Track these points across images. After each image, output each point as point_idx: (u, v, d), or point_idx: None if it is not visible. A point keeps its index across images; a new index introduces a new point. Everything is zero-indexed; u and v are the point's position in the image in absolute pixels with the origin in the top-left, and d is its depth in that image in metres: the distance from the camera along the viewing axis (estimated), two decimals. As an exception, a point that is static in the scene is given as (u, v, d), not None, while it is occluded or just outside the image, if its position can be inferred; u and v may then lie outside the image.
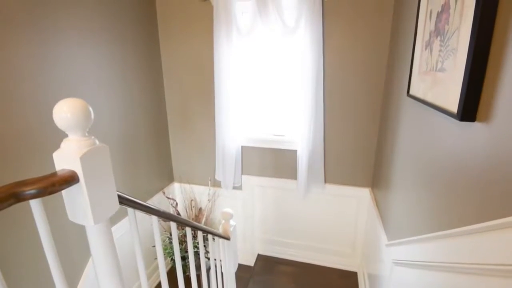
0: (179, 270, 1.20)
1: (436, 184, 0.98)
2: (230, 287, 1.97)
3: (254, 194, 2.60)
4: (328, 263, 2.59)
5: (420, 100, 1.13)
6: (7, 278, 1.36)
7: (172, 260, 2.59)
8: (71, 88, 1.65)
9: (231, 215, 1.86)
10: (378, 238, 1.79)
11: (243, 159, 2.53)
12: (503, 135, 0.62)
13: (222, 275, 1.85)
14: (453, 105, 0.81)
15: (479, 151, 0.72)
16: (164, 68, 2.49)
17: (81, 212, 0.60)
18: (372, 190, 2.25)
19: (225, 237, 1.78)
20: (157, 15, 2.37)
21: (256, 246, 2.76)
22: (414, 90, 1.23)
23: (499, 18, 0.66)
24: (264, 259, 2.72)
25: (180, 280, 1.22)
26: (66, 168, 0.57)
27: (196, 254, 2.33)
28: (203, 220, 2.63)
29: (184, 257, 2.36)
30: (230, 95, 2.28)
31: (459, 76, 0.78)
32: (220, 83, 2.27)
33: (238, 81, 2.29)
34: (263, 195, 2.59)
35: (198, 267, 2.18)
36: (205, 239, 2.45)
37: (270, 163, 2.48)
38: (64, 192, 0.60)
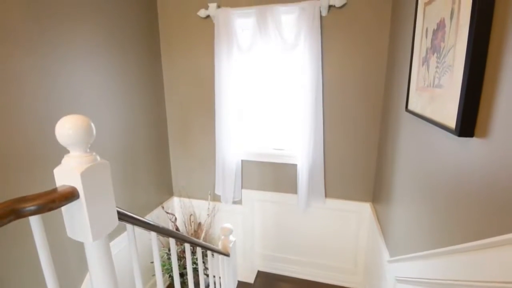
0: (177, 287, 1.18)
1: (437, 199, 0.98)
2: (230, 305, 1.93)
3: (254, 208, 2.58)
4: (329, 280, 2.54)
5: (418, 115, 1.14)
6: (1, 296, 1.33)
7: (170, 277, 2.54)
8: (72, 101, 1.66)
9: (231, 230, 1.84)
10: (380, 254, 1.76)
11: (243, 173, 2.52)
12: (502, 150, 0.62)
13: (221, 292, 1.81)
14: (451, 120, 0.82)
15: (478, 166, 0.72)
16: (166, 82, 2.52)
17: (80, 229, 0.60)
18: (373, 205, 2.23)
19: (224, 253, 1.76)
20: (159, 30, 2.42)
21: (256, 262, 2.72)
22: (413, 106, 1.25)
23: (494, 36, 0.68)
24: (264, 275, 2.67)
25: (179, 298, 1.19)
26: (66, 184, 0.57)
27: (195, 271, 2.28)
28: (202, 235, 2.59)
29: (182, 273, 2.32)
30: (230, 109, 2.30)
31: (456, 92, 0.79)
32: (220, 97, 2.29)
33: (238, 95, 2.32)
34: (263, 209, 2.57)
35: (197, 284, 2.14)
36: (204, 255, 2.41)
37: (270, 177, 2.47)
38: (64, 209, 0.59)
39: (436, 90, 0.96)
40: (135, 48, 2.14)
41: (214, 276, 1.65)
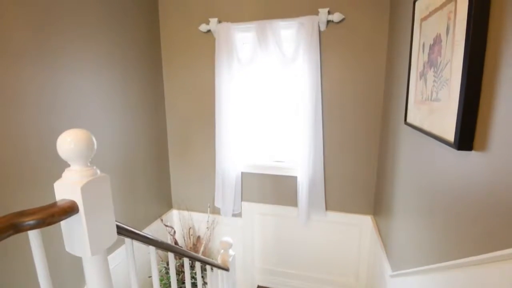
0: (176, 303, 1.16)
1: (438, 212, 0.97)
2: (229, 321, 1.88)
3: (254, 221, 2.56)
4: (331, 295, 2.49)
5: (417, 128, 1.15)
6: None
7: (169, 292, 2.49)
8: (73, 113, 1.66)
9: (230, 244, 1.82)
10: (382, 268, 1.74)
11: (243, 186, 2.51)
12: (501, 164, 0.62)
13: (220, 308, 1.77)
14: (449, 134, 0.82)
15: (478, 180, 0.72)
16: (166, 95, 2.55)
17: (78, 243, 0.59)
18: (374, 218, 2.22)
19: (223, 267, 1.73)
20: (161, 43, 2.46)
21: (256, 277, 2.67)
22: (411, 118, 1.26)
23: (489, 51, 0.69)
24: (264, 290, 2.62)
25: (177, 314, 1.16)
26: (66, 198, 0.57)
27: (194, 286, 2.24)
28: (201, 249, 2.56)
29: (181, 288, 2.28)
30: (230, 121, 2.31)
31: (453, 106, 0.80)
32: (221, 110, 2.31)
33: (238, 108, 2.33)
34: (263, 222, 2.55)
35: (195, 300, 2.10)
36: (203, 270, 2.37)
37: (270, 189, 2.46)
38: (63, 223, 0.59)
39: (434, 104, 0.97)
40: (136, 61, 2.17)
41: (213, 291, 1.62)
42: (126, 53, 2.05)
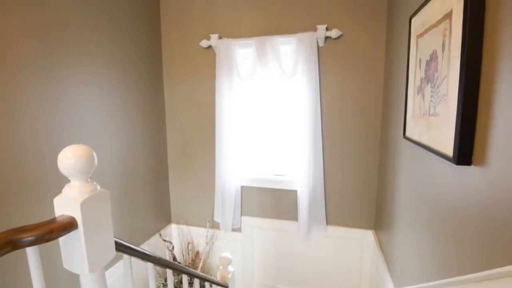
0: (174, 321, 1.13)
1: (437, 228, 0.97)
2: None
3: (254, 236, 2.52)
4: (332, 313, 2.43)
5: (416, 142, 1.16)
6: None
7: (167, 310, 2.43)
8: (73, 127, 1.67)
9: (230, 260, 1.79)
10: (384, 284, 1.70)
11: (242, 199, 2.49)
12: (500, 179, 0.62)
13: (219, 326, 1.73)
14: (448, 148, 0.83)
15: (477, 195, 0.72)
16: (167, 109, 2.57)
17: (76, 260, 0.59)
18: (376, 233, 2.19)
19: (223, 284, 1.70)
20: (162, 58, 2.50)
21: (256, 293, 2.61)
22: (410, 133, 1.26)
23: (485, 66, 0.70)
24: (265, 308, 2.56)
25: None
26: (66, 213, 0.57)
27: (192, 303, 2.19)
28: (200, 264, 2.52)
29: (179, 306, 2.22)
30: (230, 135, 2.32)
31: (451, 121, 0.81)
32: (221, 124, 2.32)
33: (238, 122, 2.35)
34: (263, 237, 2.51)
35: (194, 318, 2.04)
36: (201, 287, 2.32)
37: (270, 203, 2.44)
38: (61, 239, 0.59)
39: (432, 119, 0.98)
40: (138, 75, 2.20)
41: (212, 309, 1.59)
42: (127, 67, 2.08)
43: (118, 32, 1.98)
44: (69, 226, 0.54)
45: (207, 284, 1.54)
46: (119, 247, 0.79)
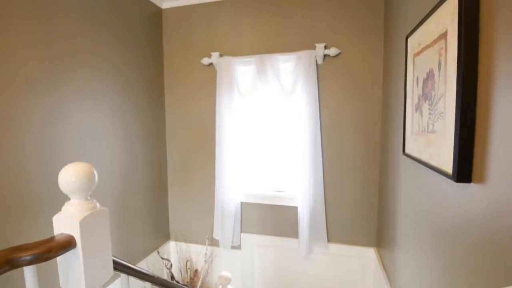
0: None
1: (440, 246, 0.95)
2: None
3: (254, 254, 2.48)
4: (335, 334, 2.35)
5: (415, 159, 1.16)
6: None
7: (164, 331, 2.35)
8: (74, 141, 1.67)
9: (229, 279, 1.75)
10: (387, 304, 1.66)
11: (242, 216, 2.46)
12: (500, 197, 0.62)
13: None
14: (447, 166, 0.83)
15: (477, 213, 0.71)
16: (168, 126, 2.58)
17: (74, 279, 0.58)
18: (378, 250, 2.15)
19: (222, 303, 1.65)
20: (164, 75, 2.54)
21: (255, 313, 2.54)
22: (409, 149, 1.27)
23: (481, 84, 0.72)
24: (265, 329, 2.48)
25: None
26: (64, 232, 0.56)
27: (190, 324, 2.13)
28: (199, 283, 2.46)
29: (177, 327, 2.15)
30: (230, 151, 2.33)
31: (450, 138, 0.81)
32: (221, 140, 2.33)
33: (238, 138, 2.36)
34: (263, 255, 2.47)
35: None
36: (200, 306, 2.26)
37: (270, 220, 2.42)
38: (59, 258, 0.58)
39: (431, 136, 0.99)
40: (139, 91, 2.23)
41: (211, 331, 1.53)
42: (129, 82, 2.11)
43: (120, 46, 2.01)
44: (67, 245, 0.54)
45: (205, 304, 1.50)
46: (117, 266, 0.78)
